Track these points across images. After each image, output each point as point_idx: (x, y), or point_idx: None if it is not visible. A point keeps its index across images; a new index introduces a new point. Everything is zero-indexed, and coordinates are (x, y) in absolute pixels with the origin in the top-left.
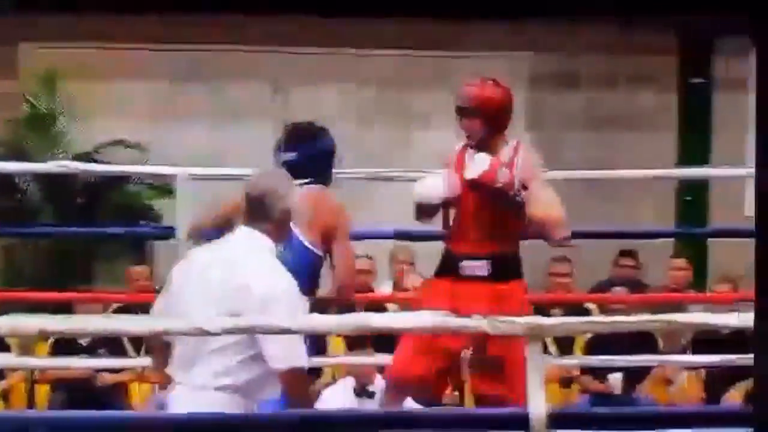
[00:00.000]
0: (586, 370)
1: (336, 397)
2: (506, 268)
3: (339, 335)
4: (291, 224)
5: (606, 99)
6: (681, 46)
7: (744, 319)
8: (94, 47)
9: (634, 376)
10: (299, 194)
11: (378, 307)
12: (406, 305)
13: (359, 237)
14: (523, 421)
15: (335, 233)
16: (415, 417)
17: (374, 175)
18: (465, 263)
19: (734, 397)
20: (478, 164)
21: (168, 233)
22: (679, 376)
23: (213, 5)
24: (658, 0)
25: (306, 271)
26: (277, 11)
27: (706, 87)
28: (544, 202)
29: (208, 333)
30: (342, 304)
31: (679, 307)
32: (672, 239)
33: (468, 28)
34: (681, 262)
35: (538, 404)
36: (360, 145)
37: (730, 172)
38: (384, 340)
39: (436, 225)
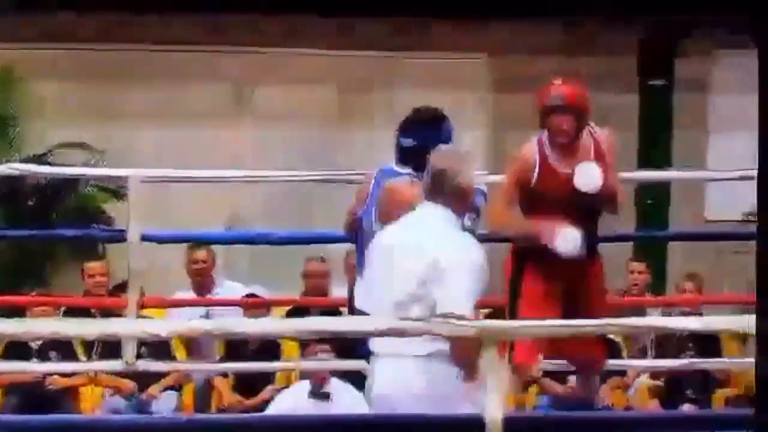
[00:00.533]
0: (547, 373)
1: (290, 400)
2: (593, 248)
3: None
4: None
5: None
6: (641, 47)
7: (706, 322)
8: (50, 47)
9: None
10: (388, 183)
11: (334, 311)
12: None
13: (317, 240)
14: (479, 425)
15: None
16: (369, 421)
17: (332, 178)
18: None
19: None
20: (590, 177)
21: (119, 236)
22: (636, 381)
23: (213, 5)
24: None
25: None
26: (276, 11)
27: (667, 88)
28: (617, 181)
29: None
30: None
31: (638, 310)
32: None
33: (431, 30)
34: (640, 265)
35: (494, 408)
36: (323, 146)
37: (691, 174)
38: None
39: None
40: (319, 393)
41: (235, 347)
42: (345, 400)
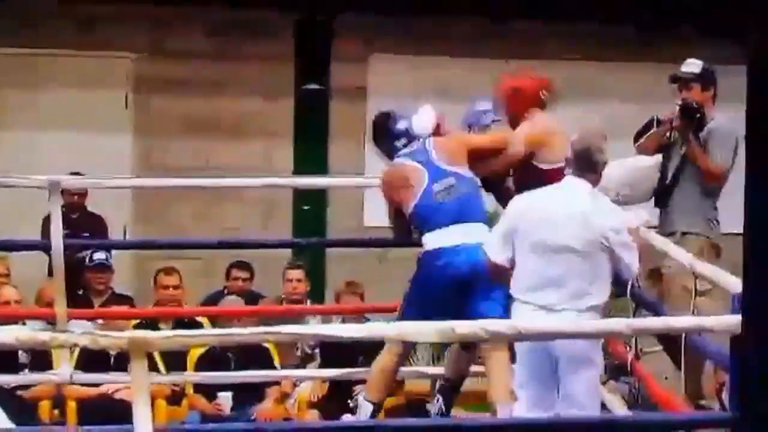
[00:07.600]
0: (199, 388)
1: None
2: None
3: None
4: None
5: (220, 105)
6: (297, 52)
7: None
8: None
9: (250, 393)
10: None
11: None
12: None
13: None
14: None
15: None
16: None
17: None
18: None
19: None
20: None
21: None
22: (295, 390)
23: None
24: None
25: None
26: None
27: (323, 94)
28: None
29: None
30: None
31: (297, 319)
32: (289, 249)
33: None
34: (298, 272)
35: (143, 422)
36: None
37: (349, 181)
38: None
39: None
40: None
41: None
42: None
